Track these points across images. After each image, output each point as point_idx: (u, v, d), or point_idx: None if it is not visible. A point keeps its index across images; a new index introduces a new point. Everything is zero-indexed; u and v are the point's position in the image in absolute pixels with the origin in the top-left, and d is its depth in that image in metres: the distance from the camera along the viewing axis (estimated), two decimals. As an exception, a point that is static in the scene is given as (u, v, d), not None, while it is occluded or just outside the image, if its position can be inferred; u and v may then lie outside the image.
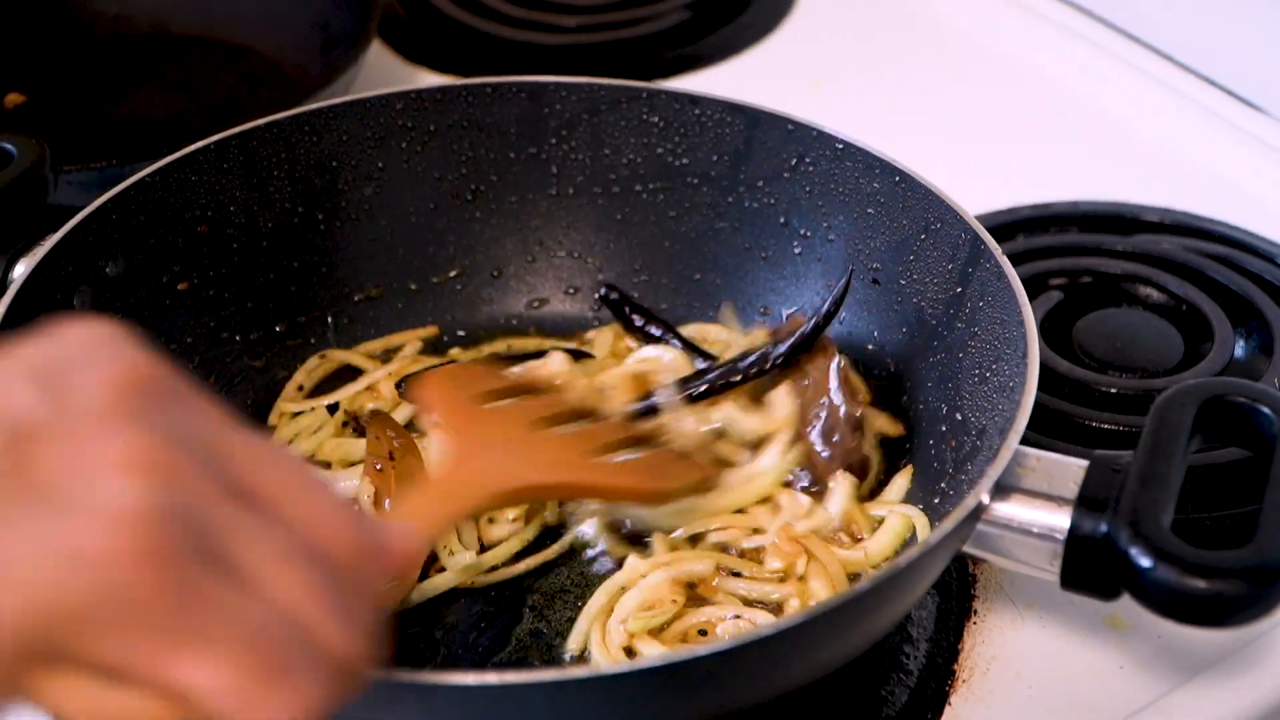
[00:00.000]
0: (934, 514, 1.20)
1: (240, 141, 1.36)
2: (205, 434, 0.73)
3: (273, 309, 1.39)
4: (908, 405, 1.29)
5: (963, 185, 1.31)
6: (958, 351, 1.23)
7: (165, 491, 0.68)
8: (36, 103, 1.83)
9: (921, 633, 1.19)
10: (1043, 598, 1.21)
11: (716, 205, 1.42)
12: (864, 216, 1.34)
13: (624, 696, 0.93)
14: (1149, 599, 0.98)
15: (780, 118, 1.38)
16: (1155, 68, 1.85)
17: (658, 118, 1.42)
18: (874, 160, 1.32)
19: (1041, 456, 1.06)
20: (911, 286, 1.30)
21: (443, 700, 0.91)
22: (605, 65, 1.87)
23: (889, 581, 0.97)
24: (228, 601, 0.69)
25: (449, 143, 1.44)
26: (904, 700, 1.14)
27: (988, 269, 1.21)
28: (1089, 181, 1.68)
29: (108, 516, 0.67)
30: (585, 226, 1.46)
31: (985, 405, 1.18)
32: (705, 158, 1.42)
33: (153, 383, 0.73)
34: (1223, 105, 1.79)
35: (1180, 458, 1.04)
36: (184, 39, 1.94)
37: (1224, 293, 1.48)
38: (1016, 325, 1.15)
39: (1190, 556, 0.96)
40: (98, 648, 0.67)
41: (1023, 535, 1.04)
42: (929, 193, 1.28)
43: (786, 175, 1.38)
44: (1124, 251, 1.53)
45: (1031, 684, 1.16)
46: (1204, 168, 1.72)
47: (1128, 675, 1.16)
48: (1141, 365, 1.41)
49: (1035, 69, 1.90)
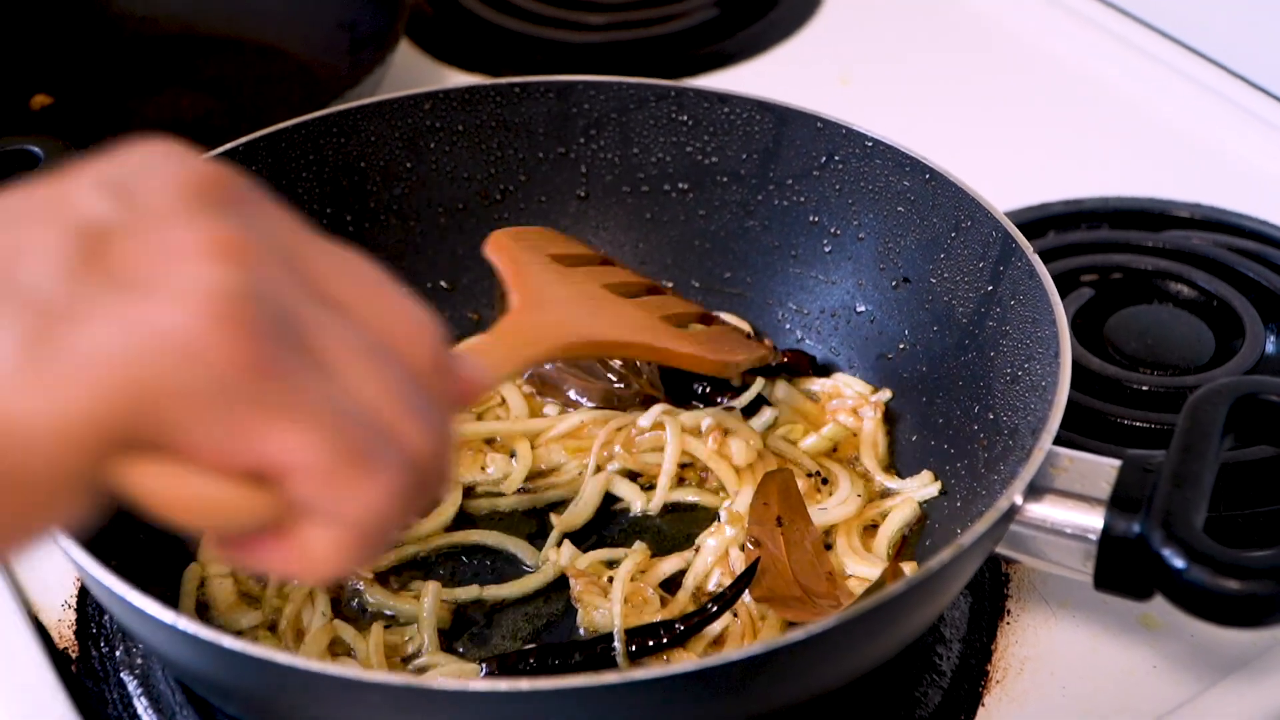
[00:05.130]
0: (966, 515, 1.19)
1: (268, 143, 1.36)
2: (282, 235, 0.73)
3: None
4: (939, 404, 1.29)
5: (993, 181, 1.31)
6: (989, 350, 1.23)
7: (248, 274, 0.68)
8: (63, 104, 1.84)
9: (954, 633, 1.19)
10: (1075, 597, 1.21)
11: (746, 204, 1.42)
12: (894, 214, 1.33)
13: (656, 702, 0.92)
14: (1182, 600, 0.98)
15: (809, 115, 1.37)
16: (1185, 62, 1.85)
17: (687, 116, 1.42)
18: (904, 158, 1.32)
19: (1074, 457, 1.06)
20: (942, 285, 1.30)
21: (472, 706, 0.90)
22: (633, 63, 1.87)
23: (923, 584, 0.96)
24: (314, 382, 0.69)
25: (477, 142, 1.43)
26: (937, 701, 1.14)
27: (1019, 267, 1.20)
28: (1119, 177, 1.67)
29: (191, 297, 0.66)
30: (614, 226, 1.46)
31: (1017, 404, 1.17)
32: (734, 156, 1.41)
33: (226, 185, 0.73)
34: (1253, 100, 1.79)
35: (1213, 457, 1.03)
36: (211, 39, 1.94)
37: (1255, 288, 1.48)
38: (1049, 324, 1.14)
39: (1223, 557, 0.96)
40: (187, 426, 0.67)
41: (1056, 536, 1.03)
42: (959, 190, 1.28)
43: (816, 173, 1.38)
44: (1154, 247, 1.53)
45: (1065, 684, 1.16)
46: (1234, 163, 1.72)
47: (1161, 675, 1.16)
48: (1173, 362, 1.41)
49: (1065, 64, 1.90)
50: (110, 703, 1.14)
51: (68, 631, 1.20)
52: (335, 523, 0.71)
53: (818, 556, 1.20)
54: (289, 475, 0.69)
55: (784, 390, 1.35)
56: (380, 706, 0.92)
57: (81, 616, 1.21)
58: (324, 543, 0.71)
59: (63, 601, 1.22)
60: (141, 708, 1.14)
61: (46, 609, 1.22)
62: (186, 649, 0.96)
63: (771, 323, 1.41)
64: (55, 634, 1.19)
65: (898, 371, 1.33)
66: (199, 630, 0.92)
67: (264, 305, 0.68)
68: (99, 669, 1.17)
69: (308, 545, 0.71)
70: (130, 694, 1.15)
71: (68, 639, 1.19)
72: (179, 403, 0.66)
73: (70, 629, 1.20)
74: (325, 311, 0.72)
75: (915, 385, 1.31)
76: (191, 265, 0.67)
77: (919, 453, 1.29)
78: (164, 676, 1.16)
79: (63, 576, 1.24)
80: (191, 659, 0.98)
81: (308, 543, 0.71)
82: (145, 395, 0.65)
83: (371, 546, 0.73)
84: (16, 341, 0.64)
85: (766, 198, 1.41)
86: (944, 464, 1.25)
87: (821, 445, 1.31)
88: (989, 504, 1.02)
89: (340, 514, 0.70)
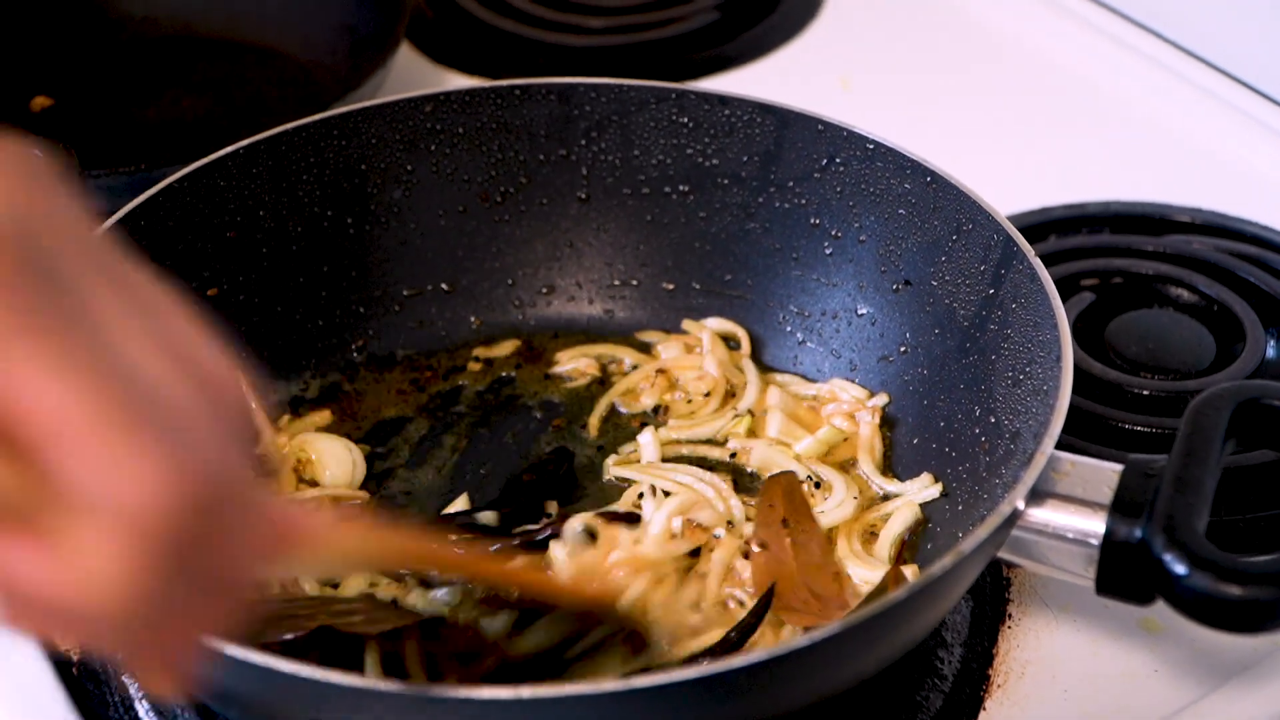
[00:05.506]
0: (967, 518, 1.19)
1: (269, 146, 1.36)
2: (86, 241, 0.66)
3: (302, 314, 1.39)
4: (940, 407, 1.29)
5: (994, 185, 1.31)
6: (990, 354, 1.23)
7: (22, 220, 0.61)
8: (63, 106, 1.83)
9: (956, 637, 1.19)
10: (1077, 601, 1.21)
11: (747, 206, 1.42)
12: (895, 217, 1.33)
13: (660, 708, 0.92)
14: (1184, 605, 0.98)
15: (810, 118, 1.37)
16: (1186, 67, 1.85)
17: (687, 118, 1.42)
18: (905, 161, 1.32)
19: (1076, 461, 1.06)
20: (944, 288, 1.29)
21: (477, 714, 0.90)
22: (634, 66, 1.87)
23: (925, 589, 0.96)
24: (81, 334, 0.61)
25: (478, 145, 1.43)
26: (939, 705, 1.14)
27: (1021, 271, 1.20)
28: (1120, 181, 1.67)
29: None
30: (615, 228, 1.45)
31: (1019, 408, 1.17)
32: (735, 158, 1.41)
33: (37, 172, 0.66)
34: (1254, 105, 1.78)
35: (1215, 462, 1.03)
36: (211, 41, 1.93)
37: (1255, 293, 1.48)
38: (1050, 328, 1.14)
39: (1225, 562, 0.96)
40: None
41: (1058, 541, 1.03)
42: (961, 194, 1.28)
43: (817, 176, 1.38)
44: (1155, 252, 1.53)
45: (1066, 688, 1.16)
46: (1235, 167, 1.72)
47: (1162, 679, 1.16)
48: (1174, 367, 1.41)
49: (1066, 68, 1.89)
50: (111, 705, 1.14)
51: (68, 634, 1.19)
52: (106, 518, 0.60)
53: (825, 558, 1.20)
54: (44, 437, 0.59)
55: (777, 396, 1.34)
56: (384, 713, 0.92)
57: (81, 619, 1.20)
58: (97, 549, 0.60)
59: (62, 604, 1.22)
60: (142, 711, 1.14)
61: (46, 612, 1.21)
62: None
63: (773, 325, 1.41)
64: (55, 637, 1.19)
65: (899, 374, 1.33)
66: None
67: (30, 243, 0.61)
68: (99, 672, 1.16)
69: (77, 553, 0.61)
70: (131, 697, 1.15)
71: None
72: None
73: (70, 632, 1.19)
74: (114, 292, 0.65)
75: (916, 388, 1.31)
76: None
77: (920, 456, 1.29)
78: (164, 679, 1.16)
79: (62, 579, 1.24)
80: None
81: (77, 551, 0.61)
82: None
83: (161, 572, 0.61)
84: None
85: (767, 200, 1.41)
86: (945, 467, 1.25)
87: (816, 449, 1.31)
88: (990, 508, 1.02)
89: (109, 500, 0.60)
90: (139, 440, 0.60)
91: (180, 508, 0.61)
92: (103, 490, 0.59)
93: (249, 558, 0.67)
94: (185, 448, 0.62)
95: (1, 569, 0.61)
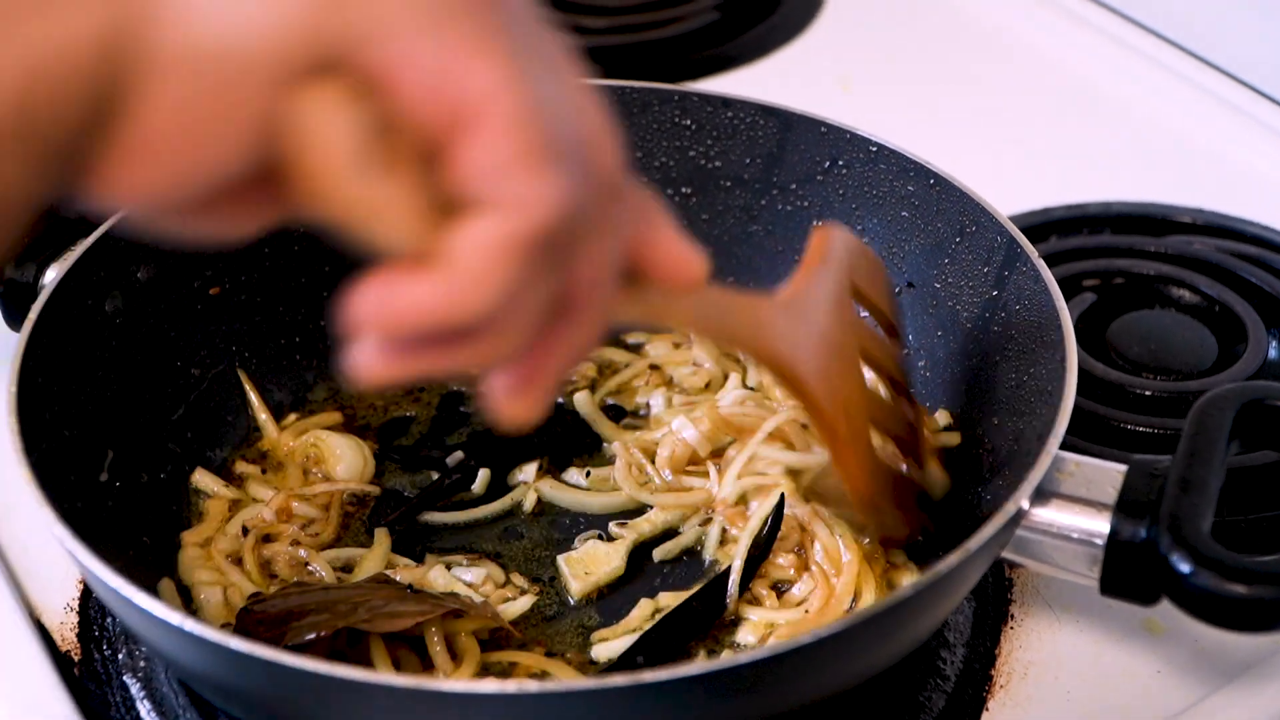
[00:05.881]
0: (972, 519, 1.19)
1: (272, 144, 1.36)
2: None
3: (305, 313, 1.38)
4: (943, 408, 1.29)
5: (995, 186, 1.31)
6: (994, 355, 1.23)
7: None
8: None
9: (958, 638, 1.19)
10: (1079, 602, 1.21)
11: (750, 208, 1.42)
12: (898, 219, 1.33)
13: (664, 703, 0.92)
14: (1189, 605, 0.98)
15: (813, 120, 1.37)
16: (1187, 68, 1.85)
17: (690, 120, 1.42)
18: (908, 163, 1.32)
19: (1080, 461, 1.06)
20: (947, 290, 1.29)
21: (480, 709, 0.90)
22: (634, 66, 1.87)
23: (929, 588, 0.96)
24: (530, 64, 0.68)
25: (480, 145, 1.43)
26: (941, 706, 1.14)
27: (1024, 272, 1.20)
28: (1122, 182, 1.67)
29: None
30: (617, 229, 1.45)
31: (1022, 409, 1.17)
32: (738, 160, 1.41)
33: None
34: (1256, 105, 1.79)
35: (1219, 462, 1.04)
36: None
37: (1257, 293, 1.48)
38: (1054, 329, 1.14)
39: (1230, 562, 0.96)
40: (397, 40, 0.65)
41: (1062, 541, 1.04)
42: (964, 195, 1.28)
43: (820, 178, 1.38)
44: (1157, 253, 1.53)
45: (1069, 689, 1.16)
46: (1236, 168, 1.72)
47: (1165, 679, 1.16)
48: (1176, 367, 1.41)
49: (1067, 69, 1.90)
50: (113, 705, 1.14)
51: (70, 634, 1.19)
52: (499, 212, 0.67)
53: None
54: (467, 118, 0.66)
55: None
56: (387, 708, 0.92)
57: (84, 619, 1.20)
58: (480, 243, 0.67)
59: (64, 604, 1.22)
60: (144, 710, 1.14)
61: (48, 612, 1.21)
62: (193, 651, 0.96)
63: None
64: (57, 637, 1.19)
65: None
66: (206, 632, 0.92)
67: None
68: (101, 672, 1.16)
69: (459, 261, 0.67)
70: (133, 696, 1.15)
71: (70, 642, 1.19)
72: (400, 15, 0.64)
73: (72, 631, 1.19)
74: (536, 42, 0.72)
75: (920, 390, 1.31)
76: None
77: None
78: (167, 679, 1.15)
79: (64, 579, 1.24)
80: (197, 661, 0.98)
81: (458, 259, 0.67)
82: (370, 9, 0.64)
83: (525, 273, 0.68)
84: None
85: (770, 202, 1.41)
86: (949, 467, 1.25)
87: None
88: (995, 508, 1.02)
89: (509, 198, 0.67)
90: (546, 152, 0.67)
91: (557, 223, 0.68)
92: (502, 183, 0.67)
93: (607, 277, 0.76)
94: (575, 174, 0.69)
95: (390, 302, 0.70)
